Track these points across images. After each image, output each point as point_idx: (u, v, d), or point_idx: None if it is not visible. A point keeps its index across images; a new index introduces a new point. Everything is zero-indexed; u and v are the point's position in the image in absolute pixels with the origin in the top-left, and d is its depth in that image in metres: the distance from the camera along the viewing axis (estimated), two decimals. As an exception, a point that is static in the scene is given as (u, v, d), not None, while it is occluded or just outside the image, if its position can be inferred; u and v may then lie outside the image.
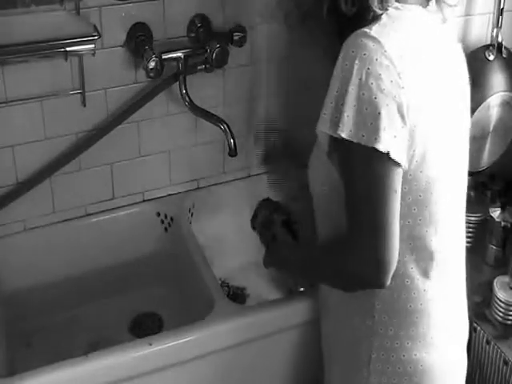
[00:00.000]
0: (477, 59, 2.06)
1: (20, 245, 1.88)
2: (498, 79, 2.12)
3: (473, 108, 1.45)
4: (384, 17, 1.21)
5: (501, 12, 2.07)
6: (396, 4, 1.24)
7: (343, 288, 1.32)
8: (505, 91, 2.13)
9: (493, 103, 2.12)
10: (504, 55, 2.12)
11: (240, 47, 1.88)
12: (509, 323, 1.81)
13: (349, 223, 1.22)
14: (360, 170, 1.20)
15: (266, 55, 1.94)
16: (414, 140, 1.21)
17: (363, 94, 1.16)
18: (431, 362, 1.37)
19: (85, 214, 1.94)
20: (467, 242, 1.47)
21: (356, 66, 1.17)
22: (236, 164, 2.03)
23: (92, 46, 1.66)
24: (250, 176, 2.08)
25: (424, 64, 1.24)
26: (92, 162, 1.88)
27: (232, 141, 1.75)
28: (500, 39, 2.10)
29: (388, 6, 1.22)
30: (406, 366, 1.36)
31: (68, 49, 1.63)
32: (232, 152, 1.76)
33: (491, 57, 2.10)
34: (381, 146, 1.16)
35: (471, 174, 1.48)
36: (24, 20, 1.62)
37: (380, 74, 1.16)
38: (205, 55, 1.80)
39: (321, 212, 1.40)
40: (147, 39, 1.78)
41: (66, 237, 1.92)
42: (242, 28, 1.86)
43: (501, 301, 1.80)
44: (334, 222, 1.31)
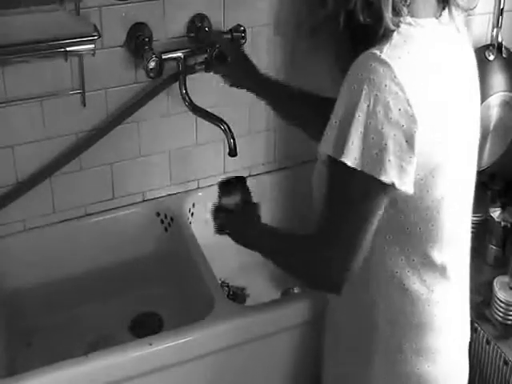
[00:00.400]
0: (477, 59, 2.06)
1: (20, 245, 1.87)
2: (498, 79, 2.12)
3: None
4: (396, 36, 1.16)
5: (501, 12, 2.07)
6: (409, 19, 1.18)
7: (300, 280, 1.33)
8: (505, 91, 2.14)
9: (493, 103, 2.12)
10: (504, 55, 2.12)
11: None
12: (509, 323, 1.81)
13: (326, 226, 1.22)
14: (355, 192, 1.18)
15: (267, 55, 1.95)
16: (421, 165, 1.18)
17: (370, 123, 1.13)
18: (435, 375, 1.36)
19: (85, 214, 1.94)
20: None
21: (364, 91, 1.13)
22: (236, 164, 2.03)
23: (92, 46, 1.66)
24: (250, 176, 2.08)
25: (439, 82, 1.20)
26: (92, 162, 1.88)
27: (232, 141, 1.75)
28: (500, 39, 2.10)
29: (400, 22, 1.17)
30: (409, 380, 1.36)
31: (68, 49, 1.63)
32: (232, 152, 1.76)
33: (491, 57, 2.10)
34: (385, 178, 1.15)
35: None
36: (24, 20, 1.62)
37: (388, 102, 1.13)
38: (205, 55, 1.80)
39: None
40: (147, 39, 1.78)
41: (66, 237, 1.91)
42: (242, 28, 1.86)
43: (501, 301, 1.80)
44: None
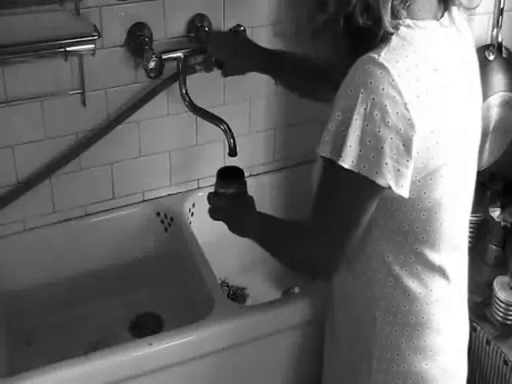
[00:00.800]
0: (477, 59, 2.06)
1: (20, 245, 1.87)
2: (498, 79, 2.12)
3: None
4: (394, 38, 1.15)
5: (501, 12, 2.07)
6: (408, 21, 1.16)
7: (290, 265, 1.40)
8: (505, 91, 2.13)
9: (493, 103, 2.12)
10: (504, 55, 2.12)
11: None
12: (509, 323, 1.81)
13: (320, 218, 1.24)
14: (350, 192, 1.19)
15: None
16: (419, 168, 1.18)
17: (367, 126, 1.13)
18: (432, 373, 1.36)
19: (85, 214, 1.93)
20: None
21: (361, 95, 1.13)
22: (236, 164, 2.02)
23: (92, 46, 1.66)
24: (251, 176, 2.08)
25: (438, 84, 1.18)
26: (92, 162, 1.88)
27: (232, 141, 1.75)
28: (500, 39, 2.10)
29: (399, 24, 1.15)
30: (407, 378, 1.36)
31: (68, 49, 1.63)
32: (232, 152, 1.76)
33: (491, 57, 2.10)
34: (381, 181, 1.15)
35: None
36: (24, 20, 1.62)
37: (386, 106, 1.12)
38: (205, 55, 1.80)
39: None
40: (147, 39, 1.78)
41: (66, 237, 1.91)
42: (242, 28, 1.86)
43: (501, 301, 1.80)
44: None
